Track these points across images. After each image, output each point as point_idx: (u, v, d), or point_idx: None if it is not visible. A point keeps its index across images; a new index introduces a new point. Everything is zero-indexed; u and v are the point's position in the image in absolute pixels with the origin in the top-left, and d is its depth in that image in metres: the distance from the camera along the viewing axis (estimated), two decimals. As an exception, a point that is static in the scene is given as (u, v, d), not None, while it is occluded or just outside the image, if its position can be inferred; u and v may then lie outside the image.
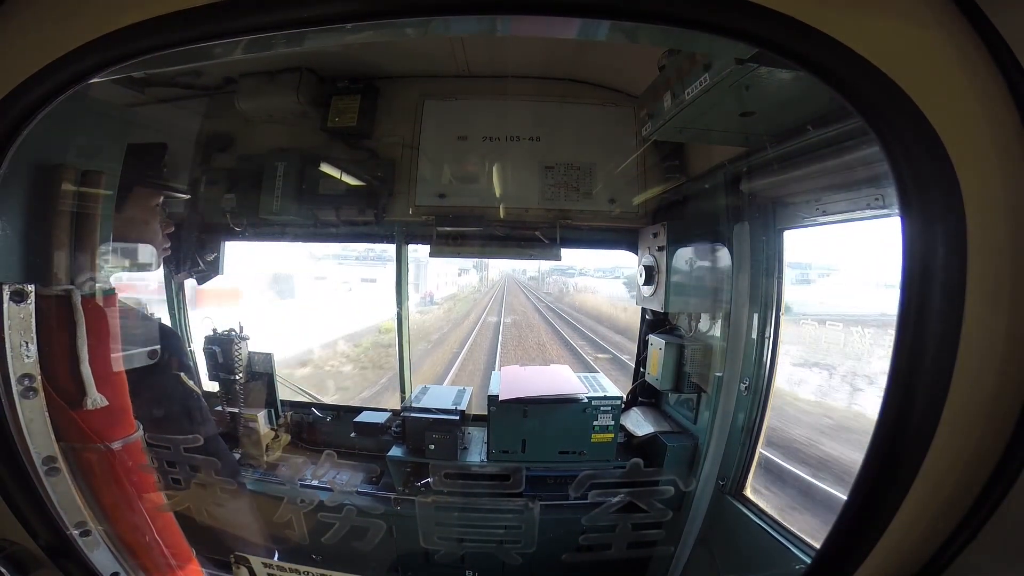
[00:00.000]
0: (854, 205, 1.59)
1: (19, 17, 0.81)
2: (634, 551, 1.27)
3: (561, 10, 0.73)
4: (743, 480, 2.06)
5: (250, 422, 2.48)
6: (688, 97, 1.47)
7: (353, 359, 7.56)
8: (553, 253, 2.50)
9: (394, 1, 0.74)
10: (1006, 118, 0.67)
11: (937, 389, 0.69)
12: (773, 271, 1.96)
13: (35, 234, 1.17)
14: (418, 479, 2.25)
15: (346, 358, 7.51)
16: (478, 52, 2.19)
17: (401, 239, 2.59)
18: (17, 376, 1.01)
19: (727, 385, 2.08)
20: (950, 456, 0.71)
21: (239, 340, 2.55)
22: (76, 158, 1.25)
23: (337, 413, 2.75)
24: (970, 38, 0.67)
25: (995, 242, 0.66)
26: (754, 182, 1.91)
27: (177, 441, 1.42)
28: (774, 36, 0.68)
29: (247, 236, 2.62)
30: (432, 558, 1.64)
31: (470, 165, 2.43)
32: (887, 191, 1.42)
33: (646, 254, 2.44)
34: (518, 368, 2.66)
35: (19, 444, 1.01)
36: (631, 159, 2.37)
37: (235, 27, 0.75)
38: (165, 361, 1.59)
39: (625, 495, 1.29)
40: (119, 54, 0.79)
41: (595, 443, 2.26)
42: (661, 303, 2.32)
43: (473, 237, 2.47)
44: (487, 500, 1.67)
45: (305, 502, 1.58)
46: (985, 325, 0.67)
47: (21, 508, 1.01)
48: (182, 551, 1.44)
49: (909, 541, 0.77)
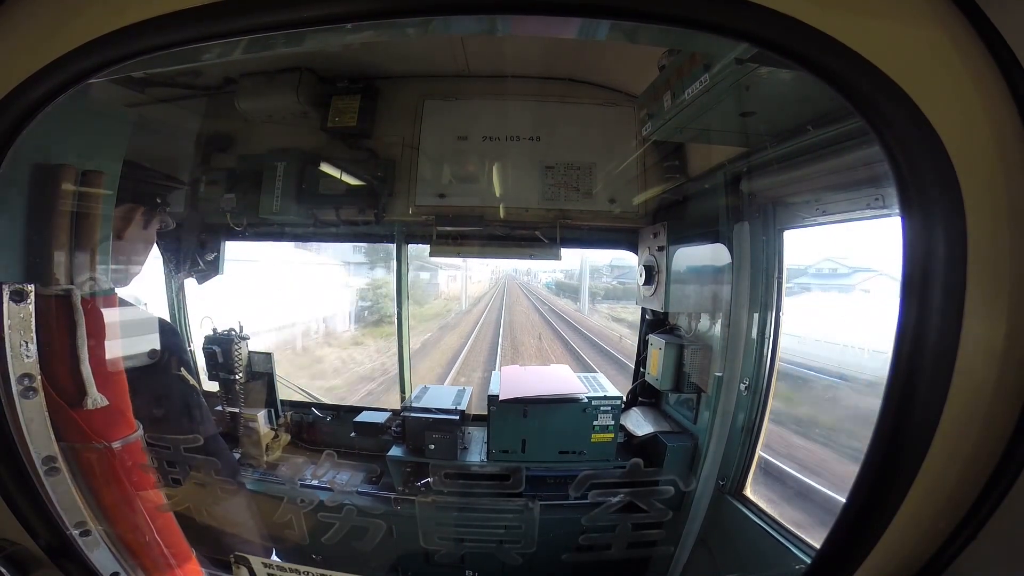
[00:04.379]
0: (854, 205, 1.59)
1: (19, 17, 0.81)
2: (634, 551, 1.27)
3: (561, 10, 0.73)
4: (743, 480, 2.06)
5: (250, 422, 2.48)
6: (688, 97, 1.47)
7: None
8: (553, 253, 2.50)
9: (394, 1, 0.74)
10: (1006, 118, 0.67)
11: (937, 389, 0.69)
12: (773, 271, 1.96)
13: (35, 234, 1.17)
14: (418, 479, 2.25)
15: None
16: (478, 52, 2.19)
17: (401, 239, 2.59)
18: (17, 376, 1.01)
19: (727, 385, 2.07)
20: (950, 456, 0.71)
21: (239, 340, 2.55)
22: (76, 158, 1.25)
23: (337, 413, 2.75)
24: (970, 38, 0.67)
25: (995, 242, 0.66)
26: (754, 182, 1.91)
27: (177, 441, 1.42)
28: (774, 36, 0.68)
29: (247, 236, 2.63)
30: (432, 558, 1.65)
31: (470, 165, 2.43)
32: (887, 191, 1.42)
33: (646, 254, 2.44)
34: (518, 368, 2.66)
35: (19, 444, 1.01)
36: (631, 159, 2.37)
37: (235, 27, 0.75)
38: (165, 360, 1.59)
39: (625, 495, 1.29)
40: (119, 54, 0.79)
41: (595, 443, 2.26)
42: (661, 303, 2.32)
43: (473, 237, 2.47)
44: (487, 500, 1.67)
45: (305, 502, 1.58)
46: (985, 325, 0.67)
47: (21, 508, 1.01)
48: (182, 551, 1.44)
49: (909, 541, 0.77)
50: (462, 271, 15.36)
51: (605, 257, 13.09)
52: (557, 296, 16.94)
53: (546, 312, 14.28)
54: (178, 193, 2.31)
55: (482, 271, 18.45)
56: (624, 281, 11.65)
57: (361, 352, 8.34)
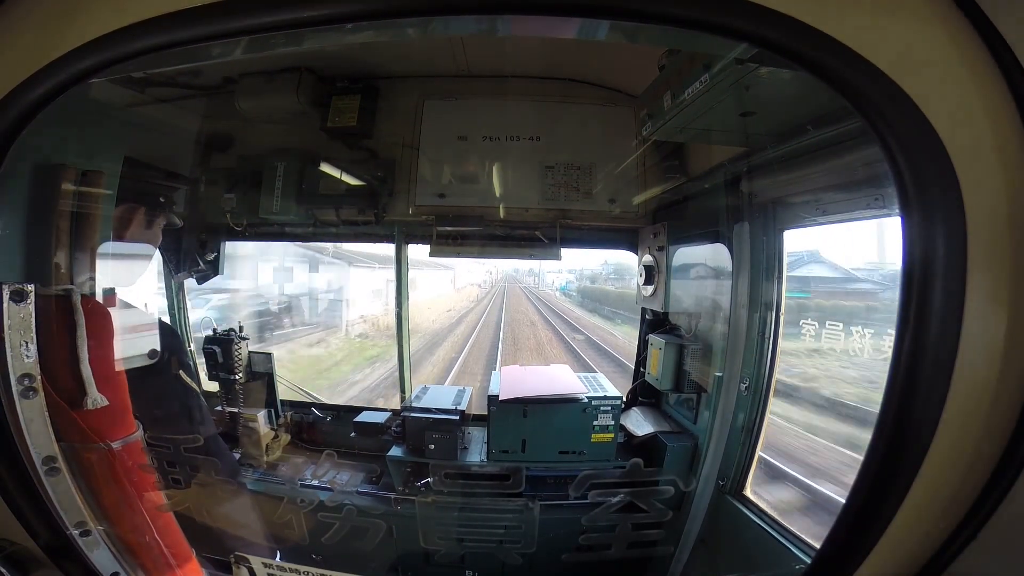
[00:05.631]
0: (854, 205, 1.59)
1: (19, 17, 0.81)
2: (634, 551, 1.27)
3: (561, 10, 0.73)
4: (743, 480, 2.05)
5: (250, 422, 2.48)
6: (688, 97, 1.47)
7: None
8: (553, 253, 2.51)
9: (394, 1, 0.74)
10: (1006, 118, 0.67)
11: (937, 389, 0.69)
12: (773, 271, 1.96)
13: (35, 234, 1.17)
14: (418, 479, 2.25)
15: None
16: (478, 52, 2.18)
17: (401, 239, 2.59)
18: (17, 376, 1.01)
19: (727, 385, 2.07)
20: (950, 456, 0.71)
21: (239, 340, 2.55)
22: (76, 158, 1.25)
23: (337, 413, 2.75)
24: (970, 38, 0.67)
25: (995, 242, 0.66)
26: (754, 182, 1.91)
27: (177, 441, 1.42)
28: (774, 36, 0.68)
29: (247, 236, 2.63)
30: (432, 558, 1.65)
31: (470, 165, 2.43)
32: (887, 191, 1.42)
33: (646, 254, 2.44)
34: (518, 368, 2.66)
35: (19, 444, 1.01)
36: (631, 159, 2.37)
37: (235, 27, 0.75)
38: (165, 360, 1.59)
39: (625, 495, 1.29)
40: (119, 54, 0.79)
41: (595, 443, 2.26)
42: (661, 303, 2.32)
43: (473, 237, 2.47)
44: (487, 500, 1.67)
45: (305, 502, 1.58)
46: (985, 325, 0.67)
47: (21, 508, 1.01)
48: (182, 551, 1.44)
49: (909, 541, 0.77)
50: (451, 271, 11.29)
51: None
52: (582, 308, 10.19)
53: (582, 346, 7.19)
54: (178, 193, 2.31)
55: (474, 274, 13.33)
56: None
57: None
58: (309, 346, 7.45)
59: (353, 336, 8.15)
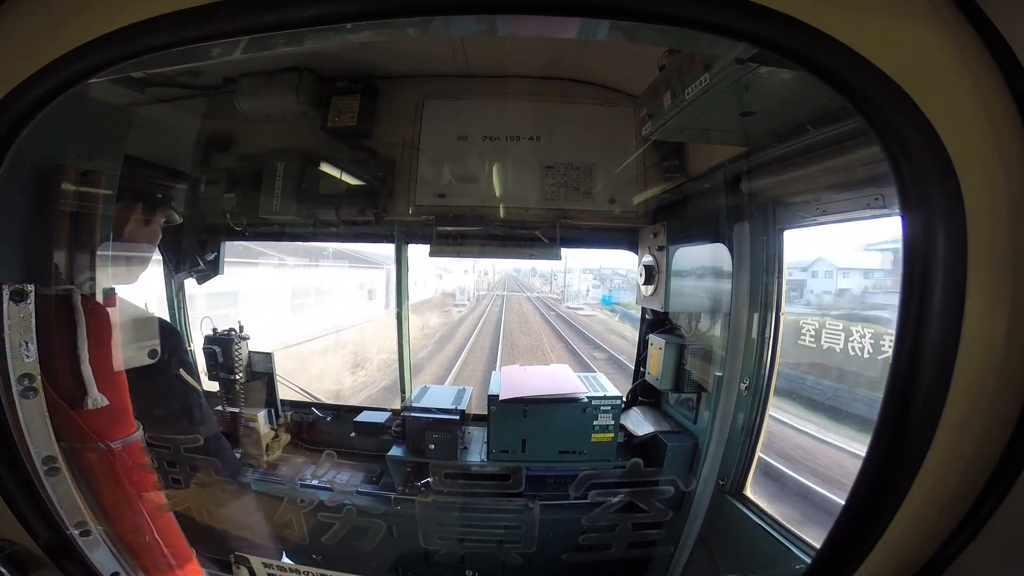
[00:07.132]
0: (854, 205, 1.59)
1: (19, 17, 0.81)
2: (634, 551, 1.27)
3: (561, 10, 0.73)
4: (743, 480, 2.05)
5: (250, 422, 2.48)
6: (688, 97, 1.46)
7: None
8: (553, 253, 2.51)
9: (394, 1, 0.74)
10: (1006, 118, 0.67)
11: (937, 389, 0.69)
12: (773, 271, 1.96)
13: (35, 234, 1.17)
14: (418, 479, 2.25)
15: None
16: (478, 52, 2.18)
17: (401, 239, 2.59)
18: (17, 376, 1.01)
19: (727, 385, 2.07)
20: (950, 456, 0.71)
21: (239, 340, 2.55)
22: (76, 158, 1.25)
23: (337, 413, 2.75)
24: (970, 38, 0.67)
25: (995, 241, 0.66)
26: (754, 182, 1.90)
27: (177, 441, 1.42)
28: (774, 36, 0.68)
29: (247, 236, 2.63)
30: (432, 558, 1.65)
31: (470, 165, 2.43)
32: (887, 191, 1.42)
33: (646, 254, 2.44)
34: (518, 368, 2.66)
35: (19, 444, 1.01)
36: (631, 159, 2.37)
37: (235, 27, 0.75)
38: (165, 360, 1.59)
39: (625, 495, 1.29)
40: (119, 54, 0.79)
41: (595, 443, 2.26)
42: (661, 303, 2.32)
43: (473, 237, 2.47)
44: (487, 500, 1.67)
45: (305, 502, 1.58)
46: (985, 325, 0.67)
47: (21, 508, 1.01)
48: (182, 551, 1.44)
49: (909, 541, 0.77)
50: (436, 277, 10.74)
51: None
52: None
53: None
54: (178, 193, 2.31)
55: (468, 277, 12.64)
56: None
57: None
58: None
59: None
